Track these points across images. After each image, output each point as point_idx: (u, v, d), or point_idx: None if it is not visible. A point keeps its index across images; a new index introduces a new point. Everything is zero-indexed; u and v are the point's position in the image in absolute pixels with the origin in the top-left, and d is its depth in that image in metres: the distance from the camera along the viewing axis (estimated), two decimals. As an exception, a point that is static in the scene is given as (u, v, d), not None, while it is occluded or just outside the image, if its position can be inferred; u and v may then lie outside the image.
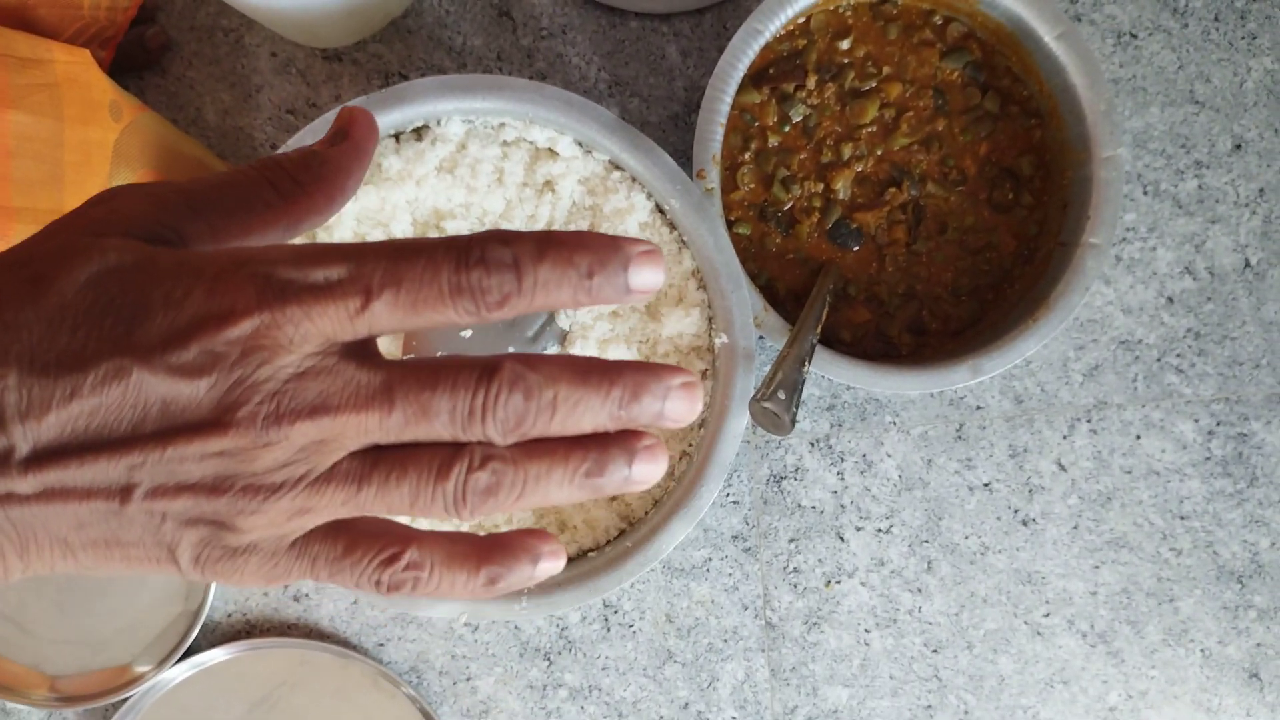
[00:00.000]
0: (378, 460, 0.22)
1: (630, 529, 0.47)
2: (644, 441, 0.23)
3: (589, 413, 0.22)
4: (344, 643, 0.55)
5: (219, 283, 0.20)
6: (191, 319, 0.20)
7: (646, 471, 0.23)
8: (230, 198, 0.24)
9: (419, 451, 0.22)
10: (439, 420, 0.21)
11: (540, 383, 0.21)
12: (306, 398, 0.21)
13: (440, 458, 0.22)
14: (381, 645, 0.56)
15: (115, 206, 0.23)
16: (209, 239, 0.23)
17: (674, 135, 0.55)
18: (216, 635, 0.55)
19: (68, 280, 0.21)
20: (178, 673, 0.53)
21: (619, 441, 0.23)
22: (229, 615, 0.55)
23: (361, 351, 0.22)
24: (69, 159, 0.35)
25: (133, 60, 0.50)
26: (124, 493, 0.21)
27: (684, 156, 0.54)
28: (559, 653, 0.56)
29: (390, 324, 0.21)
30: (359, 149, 0.25)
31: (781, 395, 0.43)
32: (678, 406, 0.23)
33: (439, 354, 0.45)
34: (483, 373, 0.21)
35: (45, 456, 0.20)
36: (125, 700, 0.53)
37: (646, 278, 0.22)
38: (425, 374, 0.21)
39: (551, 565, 0.24)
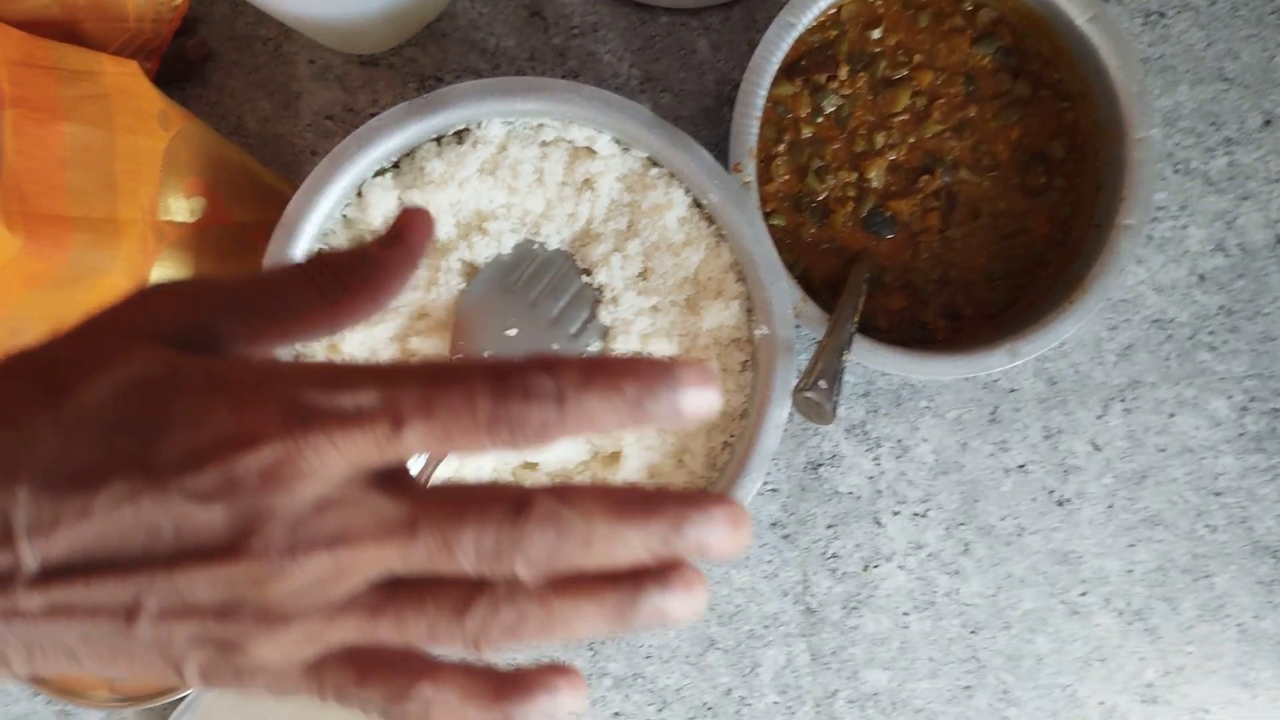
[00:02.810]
0: (395, 591, 0.21)
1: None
2: (683, 575, 0.22)
3: (625, 548, 0.21)
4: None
5: (244, 403, 0.20)
6: (212, 441, 0.20)
7: (684, 606, 0.22)
8: (271, 297, 0.23)
9: (440, 585, 0.21)
10: (463, 555, 0.20)
11: (574, 519, 0.20)
12: (325, 528, 0.20)
13: (462, 593, 0.21)
14: (430, 637, 0.57)
15: (150, 307, 0.22)
16: (245, 340, 0.23)
17: (706, 129, 0.56)
18: (270, 631, 0.56)
19: (89, 389, 0.20)
20: (235, 668, 0.54)
21: (656, 576, 0.21)
22: (281, 611, 0.56)
23: (387, 477, 0.21)
24: (121, 168, 0.36)
25: (174, 71, 0.51)
26: (130, 613, 0.20)
27: (717, 150, 0.54)
28: (602, 642, 0.57)
29: (419, 451, 0.21)
30: (411, 253, 0.25)
31: (823, 384, 0.43)
32: (723, 540, 0.21)
33: (485, 354, 0.45)
34: (513, 507, 0.20)
35: (53, 575, 0.20)
36: (183, 698, 0.55)
37: (698, 403, 0.21)
38: (452, 506, 0.21)
39: (573, 703, 0.22)
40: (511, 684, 0.22)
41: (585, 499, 0.21)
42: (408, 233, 0.25)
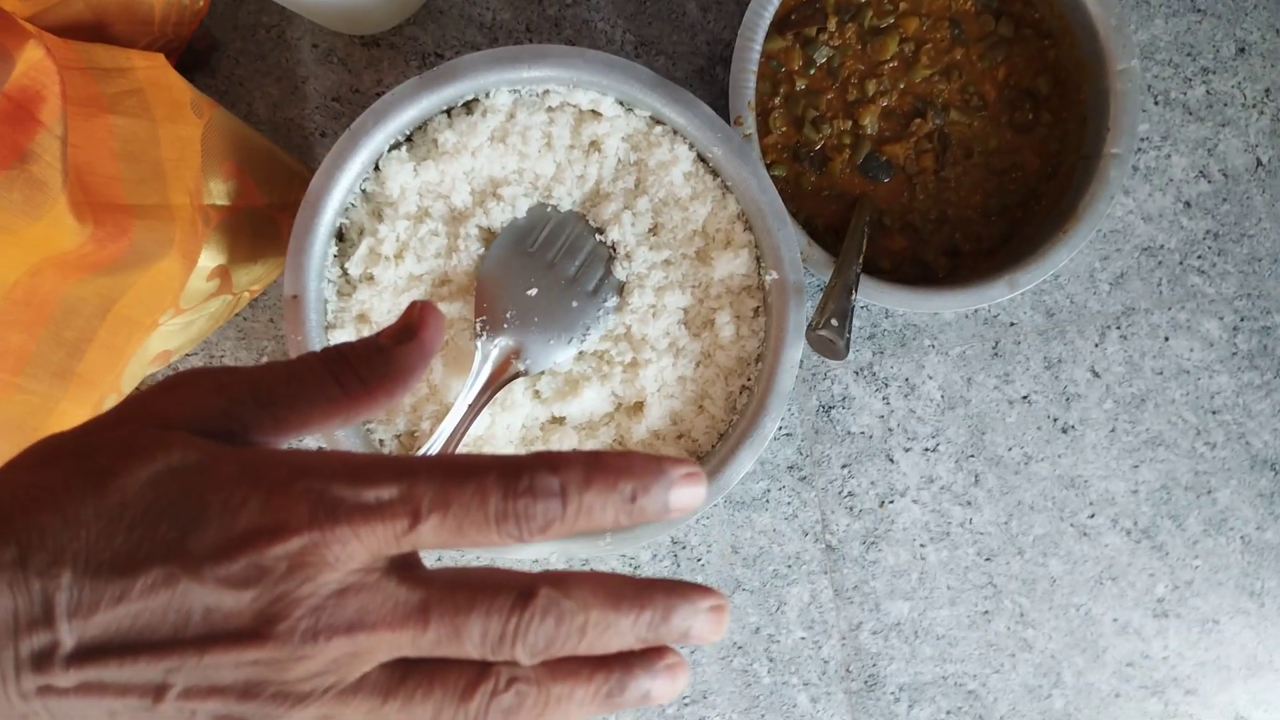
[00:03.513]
0: (406, 674, 0.23)
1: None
2: (666, 660, 0.24)
3: (617, 636, 0.23)
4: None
5: (274, 495, 0.21)
6: (244, 531, 0.21)
7: (667, 689, 0.24)
8: (294, 390, 0.25)
9: (446, 669, 0.23)
10: (470, 642, 0.22)
11: (573, 609, 0.22)
12: (345, 614, 0.22)
13: (467, 677, 0.23)
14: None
15: (183, 397, 0.24)
16: (271, 430, 0.25)
17: (701, 89, 0.57)
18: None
19: (130, 477, 0.22)
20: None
21: (642, 661, 0.24)
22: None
23: (403, 565, 0.23)
24: (166, 156, 0.38)
25: (182, 64, 0.52)
26: (158, 691, 0.21)
27: (715, 107, 0.56)
28: (634, 591, 0.59)
29: (434, 544, 0.22)
30: (423, 349, 0.26)
31: (835, 322, 0.45)
32: (704, 628, 0.24)
33: (508, 315, 0.47)
34: (518, 598, 0.22)
35: (88, 654, 0.21)
36: None
37: (686, 498, 0.23)
38: (462, 595, 0.22)
39: None
40: None
41: (582, 589, 0.23)
42: (421, 329, 0.26)
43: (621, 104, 0.48)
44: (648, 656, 0.24)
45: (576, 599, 0.23)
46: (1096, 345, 0.60)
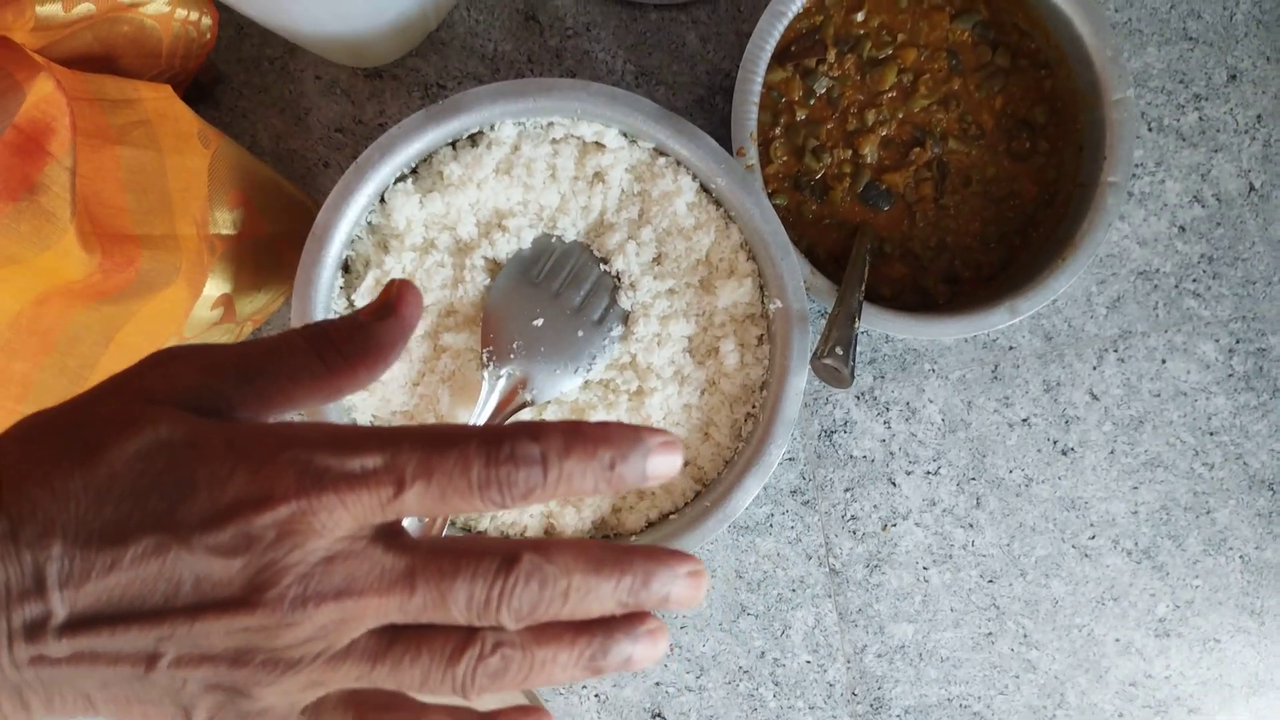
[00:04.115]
0: (394, 640, 0.23)
1: (705, 490, 0.50)
2: (647, 625, 0.24)
3: (598, 601, 0.23)
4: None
5: (262, 467, 0.22)
6: (232, 501, 0.21)
7: (648, 653, 0.24)
8: (278, 366, 0.25)
9: (433, 634, 0.23)
10: (456, 607, 0.23)
11: (555, 574, 0.23)
12: (333, 581, 0.22)
13: (454, 642, 0.23)
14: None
15: (169, 373, 0.24)
16: (256, 405, 0.25)
17: (701, 118, 0.58)
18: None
19: (118, 451, 0.22)
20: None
21: (624, 626, 0.24)
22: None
23: (388, 533, 0.23)
24: (173, 186, 0.38)
25: (187, 96, 0.52)
26: (150, 660, 0.22)
27: (716, 137, 0.57)
28: (639, 617, 0.59)
29: (418, 511, 0.23)
30: (402, 325, 0.27)
31: (839, 350, 0.46)
32: (683, 593, 0.24)
33: (514, 345, 0.47)
34: (502, 564, 0.23)
35: (80, 624, 0.21)
36: None
37: (663, 466, 0.24)
38: (447, 561, 0.23)
39: None
40: None
41: (565, 554, 0.23)
42: (400, 305, 0.27)
43: (625, 136, 0.49)
44: (629, 621, 0.24)
45: (559, 564, 0.23)
46: (1094, 368, 0.61)
